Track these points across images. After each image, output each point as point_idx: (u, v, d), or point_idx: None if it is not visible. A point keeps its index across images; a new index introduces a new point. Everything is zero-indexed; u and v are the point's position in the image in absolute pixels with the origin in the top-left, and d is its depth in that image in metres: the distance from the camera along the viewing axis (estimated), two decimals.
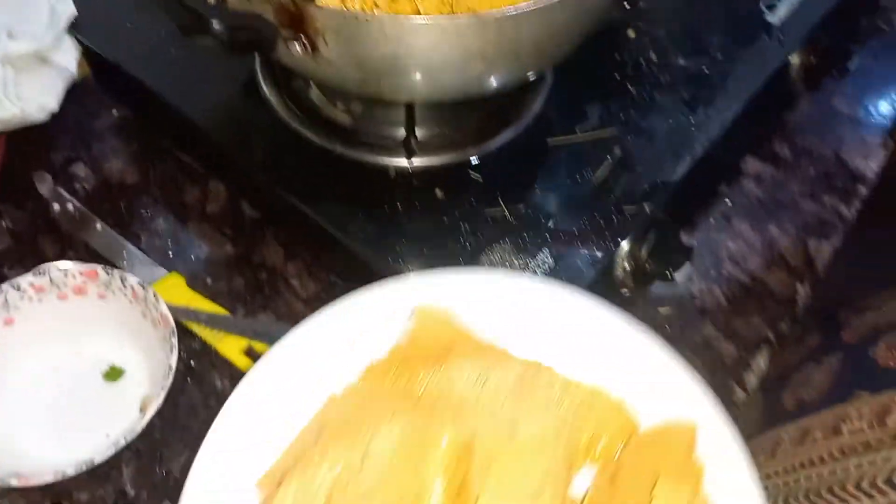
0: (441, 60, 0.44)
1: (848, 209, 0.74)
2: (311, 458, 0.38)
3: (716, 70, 0.66)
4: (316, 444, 0.39)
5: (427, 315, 0.41)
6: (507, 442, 0.37)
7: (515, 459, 0.37)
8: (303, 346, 0.42)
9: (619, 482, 0.37)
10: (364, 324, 0.43)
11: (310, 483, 0.37)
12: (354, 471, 0.36)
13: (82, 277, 0.56)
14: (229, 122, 0.62)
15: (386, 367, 0.42)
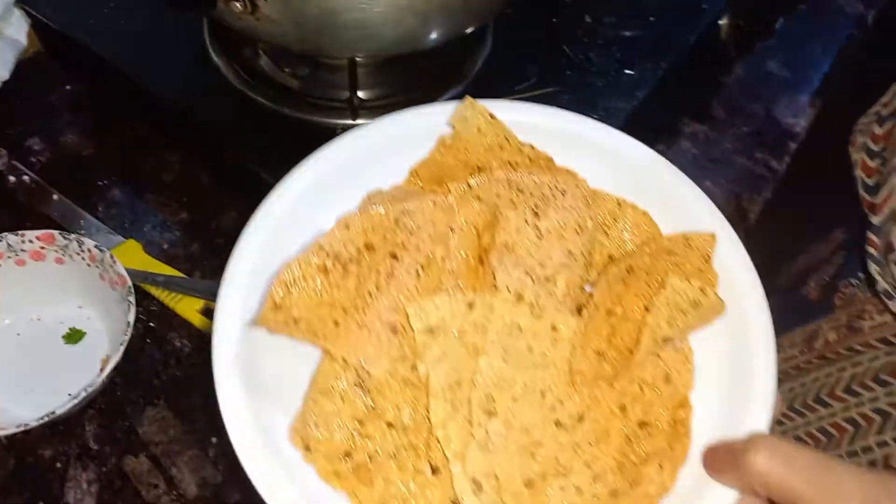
0: (375, 14, 0.46)
1: (779, 164, 0.78)
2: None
3: (647, 31, 0.69)
4: None
5: (472, 109, 0.41)
6: (527, 228, 0.38)
7: (535, 245, 0.38)
8: (347, 150, 0.41)
9: (632, 277, 0.38)
10: (408, 132, 0.42)
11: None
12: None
13: (39, 242, 0.58)
14: (182, 91, 0.63)
15: (428, 167, 0.42)
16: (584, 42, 0.68)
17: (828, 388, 0.54)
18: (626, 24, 0.70)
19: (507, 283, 0.35)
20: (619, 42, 0.68)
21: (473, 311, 0.35)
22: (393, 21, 0.47)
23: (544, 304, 0.35)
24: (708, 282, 0.38)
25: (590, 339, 0.36)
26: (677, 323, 0.35)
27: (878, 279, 0.49)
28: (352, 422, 0.34)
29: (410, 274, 0.36)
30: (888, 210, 0.49)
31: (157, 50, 0.65)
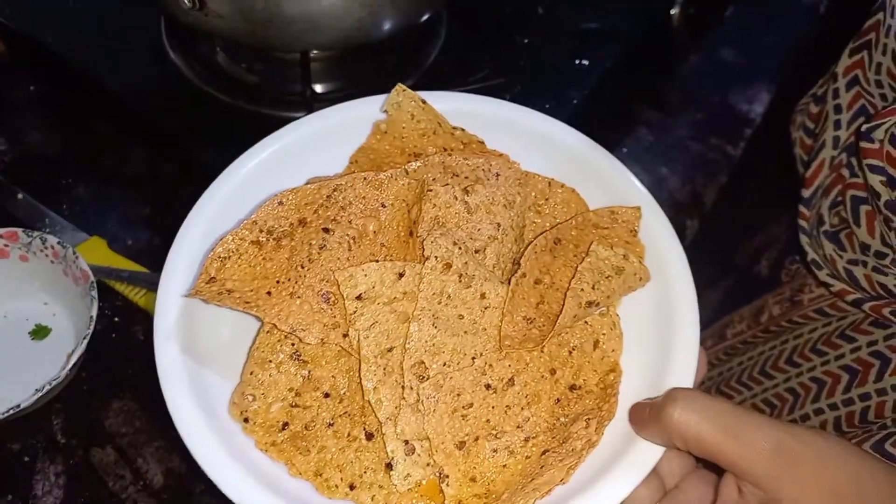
0: (322, 6, 0.48)
1: (734, 149, 0.80)
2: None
3: (599, 22, 0.71)
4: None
5: (404, 95, 0.42)
6: (456, 203, 0.39)
7: (464, 219, 0.39)
8: (289, 139, 0.43)
9: (560, 248, 0.39)
10: (345, 122, 0.44)
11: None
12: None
13: (3, 240, 0.59)
14: (141, 89, 0.65)
15: (366, 154, 0.43)
16: (536, 33, 0.69)
17: (772, 361, 0.56)
18: (577, 14, 0.72)
19: (435, 253, 0.37)
20: (571, 33, 0.70)
21: (403, 279, 0.36)
22: (341, 12, 0.49)
23: (472, 273, 0.37)
24: (635, 253, 0.40)
25: (518, 306, 0.37)
26: (601, 287, 0.37)
27: (808, 251, 0.51)
28: (289, 393, 0.35)
29: (342, 246, 0.37)
30: (817, 183, 0.51)
31: (116, 49, 0.67)
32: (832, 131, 0.51)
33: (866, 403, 0.46)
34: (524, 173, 0.42)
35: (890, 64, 0.49)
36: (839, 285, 0.48)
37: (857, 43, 0.51)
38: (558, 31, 0.70)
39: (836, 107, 0.51)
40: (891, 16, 0.49)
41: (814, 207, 0.51)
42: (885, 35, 0.49)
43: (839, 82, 0.51)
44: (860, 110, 0.50)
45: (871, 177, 0.44)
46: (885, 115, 0.43)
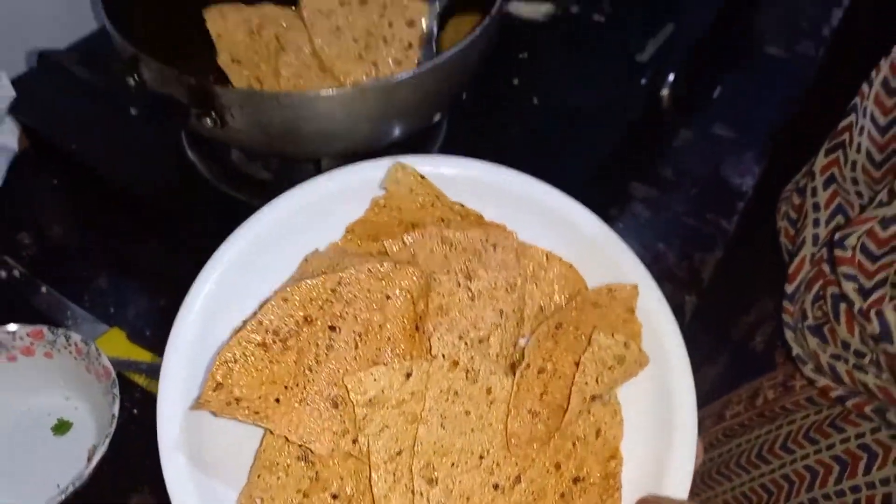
0: (333, 124, 0.51)
1: (728, 223, 0.83)
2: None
3: (591, 109, 0.75)
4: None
5: (403, 172, 0.43)
6: (459, 290, 0.40)
7: (468, 306, 0.40)
8: (284, 210, 0.44)
9: (561, 333, 0.40)
10: (343, 189, 0.44)
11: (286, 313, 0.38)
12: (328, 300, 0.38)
13: (29, 339, 0.61)
14: (161, 187, 0.68)
15: (363, 226, 0.43)
16: (532, 121, 0.73)
17: (768, 445, 0.58)
18: (570, 102, 0.75)
19: (442, 350, 0.37)
20: (566, 120, 0.74)
21: (411, 379, 0.37)
22: (351, 128, 0.52)
23: (478, 368, 0.38)
24: (632, 332, 0.42)
25: (523, 399, 0.38)
26: (604, 379, 0.38)
27: (793, 346, 0.53)
28: (296, 495, 0.36)
29: (349, 345, 0.38)
30: (800, 279, 0.54)
31: (135, 148, 0.70)
32: (812, 229, 0.54)
33: (857, 496, 0.48)
34: (521, 245, 0.43)
35: (864, 161, 0.53)
36: (823, 380, 0.50)
37: (832, 143, 0.54)
38: (553, 119, 0.74)
39: (815, 205, 0.55)
40: (863, 116, 0.52)
41: (797, 303, 0.54)
42: (859, 134, 0.53)
43: (817, 181, 0.55)
44: (837, 208, 0.53)
45: (844, 283, 0.46)
46: (856, 224, 0.46)
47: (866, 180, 0.53)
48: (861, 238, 0.46)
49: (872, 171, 0.54)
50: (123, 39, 0.51)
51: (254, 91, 0.49)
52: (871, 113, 0.53)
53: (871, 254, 0.46)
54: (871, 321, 0.45)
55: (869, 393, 0.47)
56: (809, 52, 1.03)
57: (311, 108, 0.49)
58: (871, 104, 0.53)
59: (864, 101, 0.54)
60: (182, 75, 0.49)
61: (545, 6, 0.84)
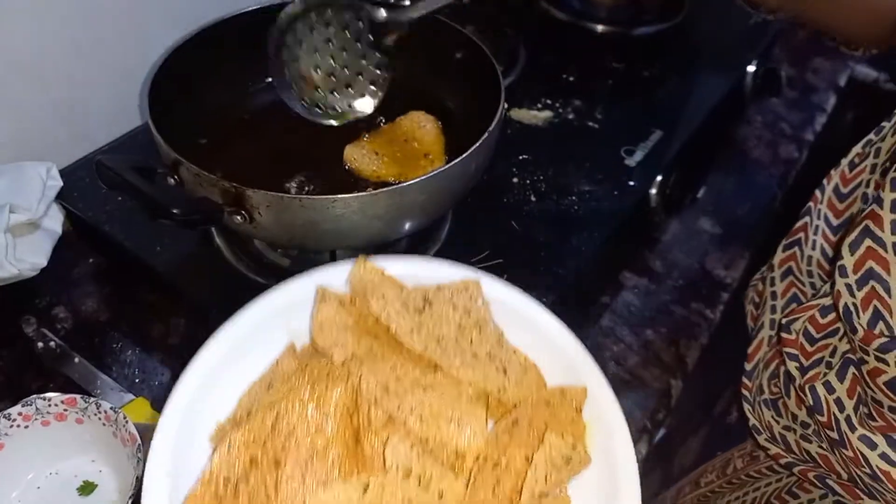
0: (349, 223, 0.58)
1: (712, 313, 0.89)
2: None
3: (584, 207, 0.82)
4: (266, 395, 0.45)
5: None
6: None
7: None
8: (250, 319, 0.49)
9: (516, 429, 0.44)
10: (307, 295, 0.49)
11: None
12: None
13: (63, 405, 0.67)
14: (188, 270, 0.75)
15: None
16: (529, 219, 0.80)
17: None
18: (565, 201, 0.83)
19: (396, 461, 0.41)
20: (560, 217, 0.81)
21: (368, 492, 0.40)
22: (365, 227, 0.59)
23: (430, 474, 0.41)
24: (578, 431, 0.46)
25: (478, 490, 0.42)
26: (552, 478, 0.43)
27: (750, 417, 0.58)
28: None
29: (295, 476, 0.41)
30: (758, 358, 0.59)
31: (167, 234, 0.77)
32: (769, 314, 0.60)
33: None
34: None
35: (819, 257, 0.59)
36: (775, 449, 0.56)
37: (789, 240, 0.61)
38: (549, 218, 0.81)
39: (773, 293, 0.61)
40: (817, 218, 0.59)
41: (755, 379, 0.59)
42: (814, 234, 0.59)
43: (775, 272, 0.61)
44: (792, 297, 0.60)
45: (788, 362, 0.52)
46: (800, 311, 0.52)
47: (819, 272, 0.59)
48: (804, 323, 0.52)
49: (825, 265, 0.59)
50: (167, 146, 0.59)
51: (279, 195, 0.56)
52: (824, 215, 0.60)
53: (811, 337, 0.52)
54: (807, 395, 0.50)
55: (813, 461, 0.52)
56: (792, 154, 1.11)
57: (329, 210, 0.56)
58: (825, 208, 0.60)
59: (818, 205, 0.61)
60: (219, 180, 0.56)
61: (544, 113, 0.93)
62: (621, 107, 0.96)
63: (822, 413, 0.49)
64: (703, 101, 0.98)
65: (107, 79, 0.88)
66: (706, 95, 0.99)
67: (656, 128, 0.91)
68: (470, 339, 0.48)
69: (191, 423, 0.44)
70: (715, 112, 0.97)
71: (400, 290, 0.49)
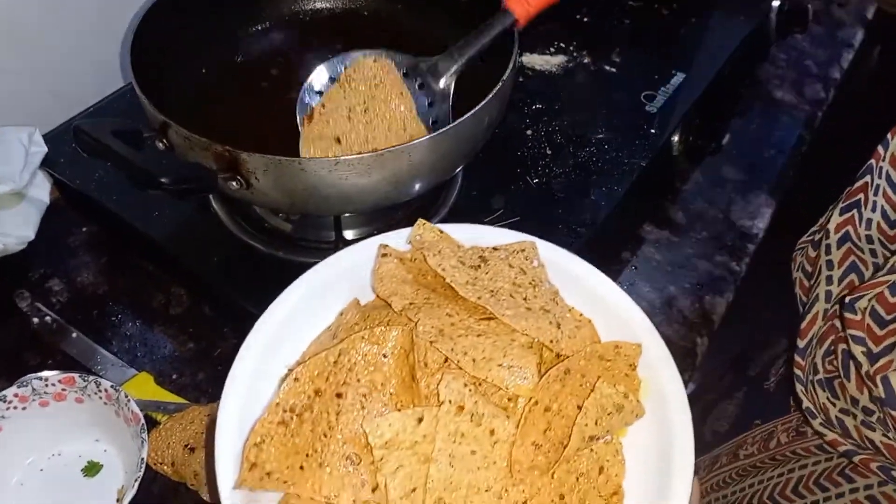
0: (353, 186, 0.54)
1: (739, 266, 0.85)
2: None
3: (603, 160, 0.77)
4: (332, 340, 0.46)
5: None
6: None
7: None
8: (325, 274, 0.49)
9: (569, 378, 0.44)
10: (371, 255, 0.50)
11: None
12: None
13: (61, 385, 0.64)
14: (186, 238, 0.71)
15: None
16: (546, 173, 0.75)
17: (780, 488, 0.59)
18: (582, 152, 0.78)
19: (449, 397, 0.41)
20: (578, 170, 0.76)
21: (422, 424, 0.41)
22: (371, 190, 0.55)
23: (482, 412, 0.42)
24: (632, 386, 0.46)
25: (528, 432, 0.42)
26: (603, 423, 0.42)
27: (803, 399, 0.54)
28: None
29: (355, 406, 0.43)
30: (811, 334, 0.55)
31: (162, 200, 0.73)
32: (825, 286, 0.55)
33: None
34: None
35: (879, 220, 0.54)
36: (832, 435, 0.52)
37: (846, 202, 0.56)
38: (565, 170, 0.76)
39: (829, 262, 0.56)
40: (879, 176, 0.54)
41: (808, 357, 0.55)
42: (874, 194, 0.54)
43: (831, 238, 0.56)
44: (851, 267, 0.55)
45: (853, 346, 0.48)
46: (866, 288, 0.48)
47: (881, 238, 0.54)
48: (871, 302, 0.47)
49: (887, 229, 0.55)
50: (154, 108, 0.54)
51: (277, 158, 0.51)
52: (886, 173, 0.55)
53: (880, 318, 0.47)
54: (878, 386, 0.46)
55: (875, 450, 0.48)
56: (818, 94, 1.04)
57: (332, 172, 0.52)
58: (888, 165, 0.55)
59: (880, 161, 0.55)
60: (212, 143, 0.51)
61: (557, 58, 0.87)
62: (640, 49, 0.90)
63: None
64: (727, 40, 0.92)
65: (88, 38, 0.83)
66: (729, 34, 0.93)
67: (677, 70, 0.85)
68: (525, 295, 0.48)
69: (262, 370, 0.45)
70: (739, 51, 0.91)
71: (457, 247, 0.50)
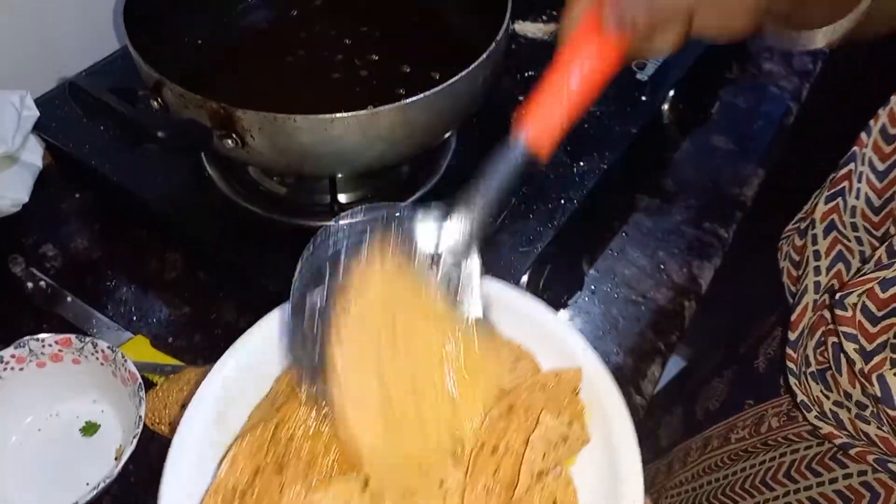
0: (348, 144, 0.54)
1: (727, 232, 0.86)
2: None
3: (593, 127, 0.78)
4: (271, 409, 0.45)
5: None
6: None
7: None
8: (260, 335, 0.48)
9: (513, 414, 0.44)
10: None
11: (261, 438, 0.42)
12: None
13: (58, 346, 0.64)
14: (180, 202, 0.71)
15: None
16: None
17: (772, 472, 0.59)
18: None
19: None
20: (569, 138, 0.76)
21: (369, 486, 0.40)
22: (365, 148, 0.55)
23: (430, 462, 0.41)
24: (576, 412, 0.46)
25: (478, 477, 0.42)
26: (550, 456, 0.42)
27: (797, 392, 0.54)
28: None
29: (298, 479, 0.41)
30: (802, 325, 0.55)
31: (155, 165, 0.73)
32: (813, 276, 0.55)
33: None
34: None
35: (864, 207, 0.54)
36: (827, 427, 0.51)
37: (831, 191, 0.56)
38: None
39: (815, 252, 0.56)
40: (862, 163, 0.54)
41: (800, 348, 0.55)
42: (858, 181, 0.54)
43: (817, 228, 0.56)
44: (838, 256, 0.55)
45: (845, 343, 0.47)
46: (855, 285, 0.47)
47: (866, 226, 0.54)
48: (862, 298, 0.47)
49: (872, 216, 0.55)
50: (148, 66, 0.54)
51: (272, 115, 0.51)
52: (869, 160, 0.55)
53: (871, 315, 0.47)
54: (873, 384, 0.45)
55: (871, 442, 0.48)
56: (806, 66, 1.05)
57: (327, 130, 0.52)
58: (870, 151, 0.55)
59: (863, 148, 0.55)
60: (206, 100, 0.52)
61: (550, 25, 0.87)
62: None
63: (895, 406, 0.44)
64: None
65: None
66: None
67: None
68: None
69: (207, 440, 0.44)
70: None
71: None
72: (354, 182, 0.69)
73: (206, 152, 0.72)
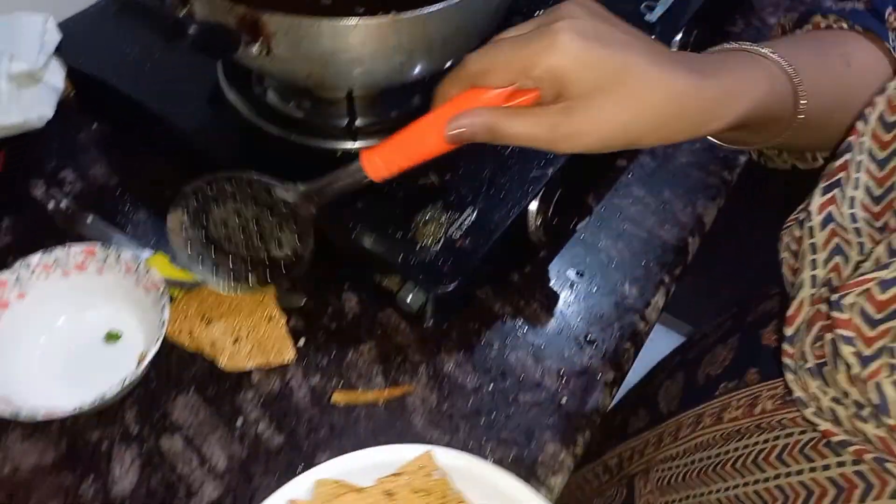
0: (369, 52, 0.56)
1: (730, 175, 0.88)
2: None
3: None
4: None
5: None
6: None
7: None
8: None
9: None
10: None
11: None
12: None
13: (83, 255, 0.67)
14: (200, 123, 0.73)
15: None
16: None
17: (764, 454, 0.59)
18: None
19: None
20: None
21: None
22: (385, 57, 0.57)
23: None
24: None
25: None
26: None
27: (794, 388, 0.53)
28: None
29: None
30: (799, 321, 0.54)
31: (176, 88, 0.75)
32: (809, 270, 0.53)
33: None
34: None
35: (863, 197, 0.52)
36: (825, 424, 0.51)
37: (827, 182, 0.54)
38: None
39: (812, 245, 0.53)
40: (860, 153, 0.53)
41: (797, 344, 0.54)
42: (856, 171, 0.53)
43: (814, 220, 0.53)
44: (835, 249, 0.52)
45: (842, 346, 0.46)
46: (853, 286, 0.46)
47: (865, 216, 0.52)
48: (859, 299, 0.45)
49: (872, 206, 0.53)
50: None
51: (297, 18, 0.53)
52: (868, 148, 0.53)
53: (869, 318, 0.45)
54: (871, 391, 0.44)
55: (868, 441, 0.47)
56: None
57: (350, 35, 0.54)
58: (869, 140, 0.53)
59: (860, 137, 0.53)
60: (233, 4, 0.54)
61: None
62: None
63: (891, 415, 0.43)
64: None
65: None
66: None
67: None
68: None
69: None
70: None
71: (358, 492, 0.54)
72: (370, 106, 0.71)
73: (229, 71, 0.74)
